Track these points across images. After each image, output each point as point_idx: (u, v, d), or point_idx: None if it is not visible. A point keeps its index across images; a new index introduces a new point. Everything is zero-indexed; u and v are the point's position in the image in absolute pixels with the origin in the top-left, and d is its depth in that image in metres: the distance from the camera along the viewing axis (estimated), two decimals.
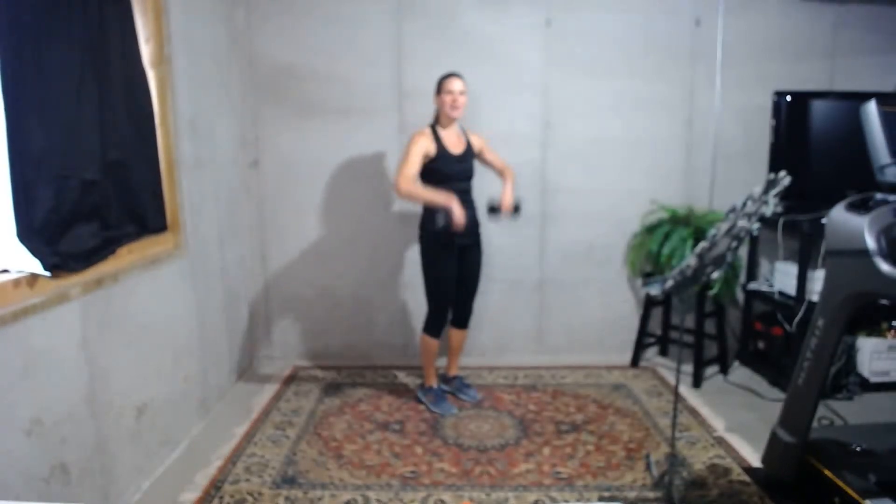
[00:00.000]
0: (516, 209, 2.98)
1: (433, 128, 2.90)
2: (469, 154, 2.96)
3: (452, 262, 2.93)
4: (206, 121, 3.01)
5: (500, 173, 3.10)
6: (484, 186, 3.14)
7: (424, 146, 2.81)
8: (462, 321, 3.15)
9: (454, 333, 3.19)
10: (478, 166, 3.06)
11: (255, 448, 2.68)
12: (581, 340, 3.81)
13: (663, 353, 3.81)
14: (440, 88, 2.86)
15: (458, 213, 2.66)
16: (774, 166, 3.37)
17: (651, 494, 2.31)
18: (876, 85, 3.41)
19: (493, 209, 2.94)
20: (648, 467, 2.49)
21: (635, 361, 3.66)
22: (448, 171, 2.86)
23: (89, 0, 2.05)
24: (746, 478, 2.40)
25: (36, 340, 1.82)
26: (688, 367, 3.36)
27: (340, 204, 3.63)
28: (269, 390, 3.31)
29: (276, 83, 3.52)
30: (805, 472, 2.16)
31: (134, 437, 2.32)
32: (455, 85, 2.84)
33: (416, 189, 2.76)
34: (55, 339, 1.90)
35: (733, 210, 1.92)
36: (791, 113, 3.29)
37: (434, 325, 3.02)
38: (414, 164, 2.76)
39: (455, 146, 2.91)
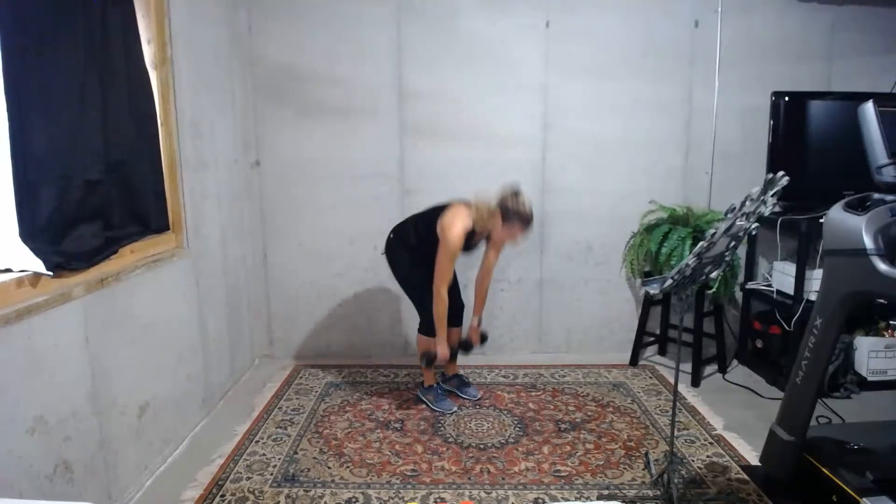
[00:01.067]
0: (484, 339, 3.17)
1: (477, 216, 2.80)
2: (485, 239, 3.01)
3: (424, 264, 2.90)
4: (208, 121, 3.03)
5: (483, 274, 3.10)
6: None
7: (460, 246, 2.81)
8: (455, 318, 3.15)
9: (450, 332, 3.19)
10: None
11: (257, 446, 2.69)
12: (580, 339, 3.82)
13: (662, 352, 3.82)
14: (511, 224, 2.76)
15: (443, 352, 2.95)
16: (773, 166, 3.38)
17: (650, 492, 2.32)
18: (873, 85, 3.42)
19: (466, 346, 3.12)
20: (647, 466, 2.50)
21: (634, 360, 3.67)
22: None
23: (92, 2, 2.07)
24: (745, 476, 2.42)
25: (39, 339, 1.83)
26: (686, 366, 3.38)
27: (341, 204, 3.65)
28: (271, 389, 3.32)
29: (277, 84, 3.53)
30: (803, 470, 2.17)
31: (136, 435, 2.34)
32: (522, 239, 2.88)
33: (442, 307, 2.86)
34: (58, 338, 1.91)
35: (732, 210, 1.93)
36: (789, 113, 3.30)
37: (428, 326, 3.03)
38: (451, 269, 2.87)
39: (479, 235, 2.92)
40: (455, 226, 2.77)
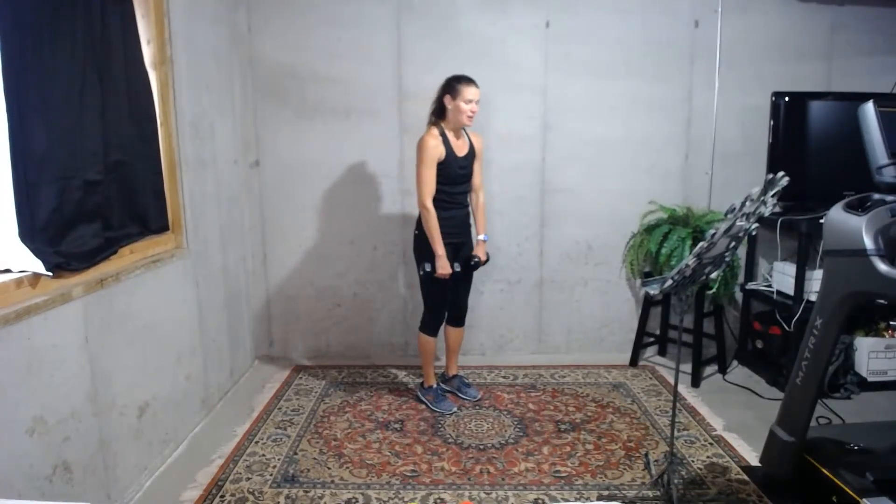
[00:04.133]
0: (486, 259, 3.09)
1: (439, 127, 2.87)
2: (471, 157, 2.96)
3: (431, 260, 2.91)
4: (208, 121, 3.02)
5: (474, 191, 3.05)
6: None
7: (438, 152, 2.80)
8: (458, 319, 3.16)
9: (451, 332, 3.20)
10: None
11: (256, 447, 2.69)
12: (580, 340, 3.82)
13: (662, 352, 3.82)
14: (456, 93, 2.78)
15: (443, 267, 2.84)
16: (773, 167, 3.38)
17: (650, 493, 2.32)
18: (873, 85, 3.42)
19: (475, 262, 3.01)
20: (647, 466, 2.50)
21: (634, 361, 3.67)
22: (452, 175, 2.86)
23: (91, 2, 2.06)
24: (745, 477, 2.41)
25: (38, 340, 1.83)
26: (686, 367, 3.37)
27: (341, 204, 3.65)
28: (270, 389, 3.32)
29: (276, 84, 3.53)
30: (803, 470, 2.17)
31: (136, 436, 2.34)
32: (476, 95, 2.81)
33: (432, 220, 2.81)
34: (57, 339, 1.91)
35: (732, 210, 1.92)
36: (789, 113, 3.30)
37: (431, 324, 3.04)
38: (432, 178, 2.80)
39: (460, 149, 2.90)
40: (423, 138, 2.83)
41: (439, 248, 2.83)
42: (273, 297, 3.75)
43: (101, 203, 2.16)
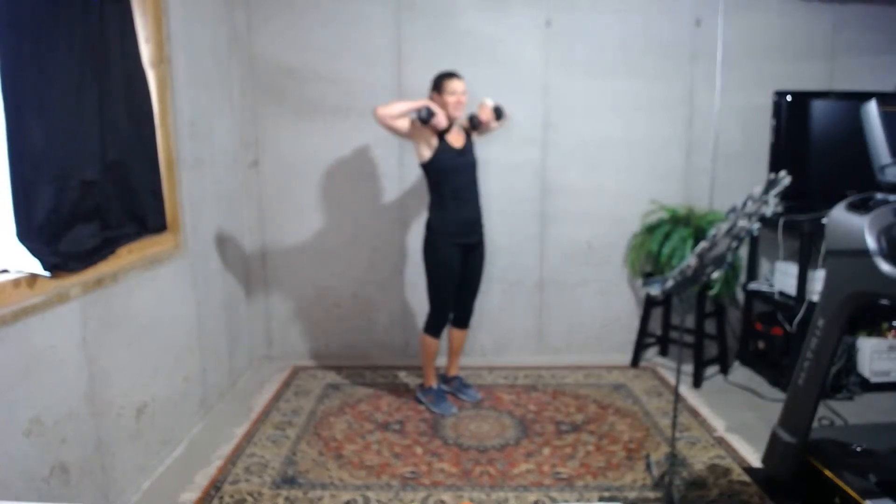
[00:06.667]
0: (498, 114, 2.97)
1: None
2: (470, 147, 2.95)
3: (456, 262, 2.92)
4: (206, 121, 3.01)
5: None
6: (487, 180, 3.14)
7: (423, 131, 2.80)
8: (463, 321, 3.15)
9: (455, 333, 3.19)
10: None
11: (255, 448, 2.68)
12: (581, 340, 3.81)
13: (663, 353, 3.81)
14: (441, 88, 2.85)
15: (439, 113, 2.75)
16: (774, 166, 3.37)
17: (651, 494, 2.30)
18: (876, 85, 3.41)
19: (474, 121, 2.93)
20: (648, 467, 2.49)
21: (635, 361, 3.66)
22: (448, 164, 2.84)
23: (89, 1, 2.05)
24: (747, 478, 2.40)
25: (36, 340, 1.82)
26: (688, 368, 3.36)
27: (340, 204, 3.63)
28: (269, 390, 3.31)
29: (275, 83, 3.52)
30: (805, 472, 2.16)
31: (134, 437, 2.32)
32: (459, 86, 2.84)
33: (392, 105, 2.74)
34: (55, 339, 1.90)
35: (733, 210, 1.91)
36: (791, 113, 3.29)
37: (435, 325, 3.02)
38: (397, 108, 2.73)
39: (456, 140, 2.90)
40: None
41: (416, 102, 2.76)
42: (272, 298, 3.74)
43: (98, 203, 2.15)
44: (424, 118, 2.74)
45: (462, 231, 2.90)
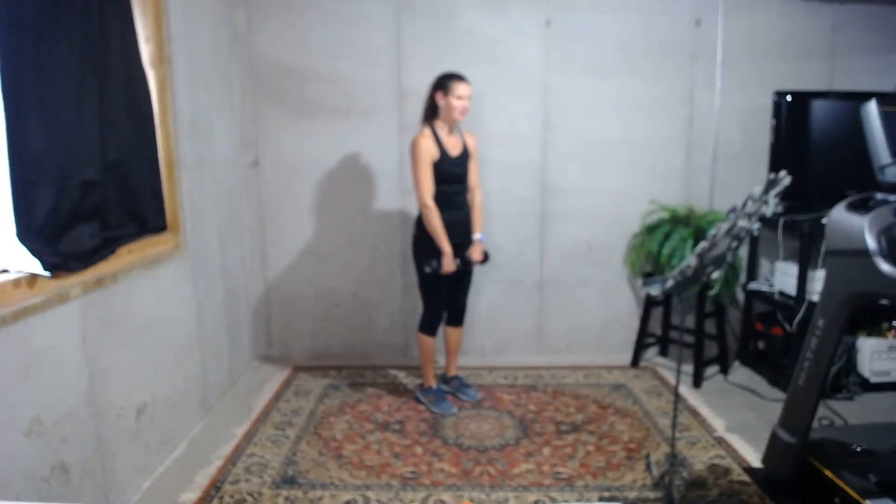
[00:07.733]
0: (486, 258, 3.03)
1: (431, 127, 2.88)
2: (465, 156, 2.95)
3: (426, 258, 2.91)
4: (206, 121, 3.01)
5: (470, 190, 3.01)
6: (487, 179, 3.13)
7: (431, 153, 2.81)
8: (457, 319, 3.15)
9: (450, 332, 3.19)
10: None
11: (255, 448, 2.68)
12: (581, 340, 3.81)
13: (663, 353, 3.81)
14: (447, 90, 2.81)
15: (448, 264, 2.83)
16: (775, 166, 3.37)
17: (651, 494, 2.30)
18: (876, 85, 3.40)
19: (465, 261, 2.95)
20: (648, 467, 2.49)
21: (635, 361, 3.65)
22: (445, 173, 2.86)
23: (90, 0, 2.05)
24: (747, 478, 2.40)
25: (36, 340, 1.82)
26: (688, 367, 3.36)
27: (340, 204, 3.63)
28: (269, 390, 3.31)
29: (276, 83, 3.52)
30: (805, 472, 2.16)
31: (134, 437, 2.32)
32: (466, 91, 2.82)
33: (434, 218, 2.81)
34: (55, 339, 1.90)
35: (733, 210, 1.91)
36: (791, 113, 3.29)
37: (429, 323, 3.03)
38: (430, 177, 2.81)
39: (453, 148, 2.90)
40: (415, 140, 2.83)
41: (445, 245, 2.83)
42: (272, 297, 3.74)
43: (98, 203, 2.14)
44: (434, 268, 2.85)
45: (451, 231, 2.91)
